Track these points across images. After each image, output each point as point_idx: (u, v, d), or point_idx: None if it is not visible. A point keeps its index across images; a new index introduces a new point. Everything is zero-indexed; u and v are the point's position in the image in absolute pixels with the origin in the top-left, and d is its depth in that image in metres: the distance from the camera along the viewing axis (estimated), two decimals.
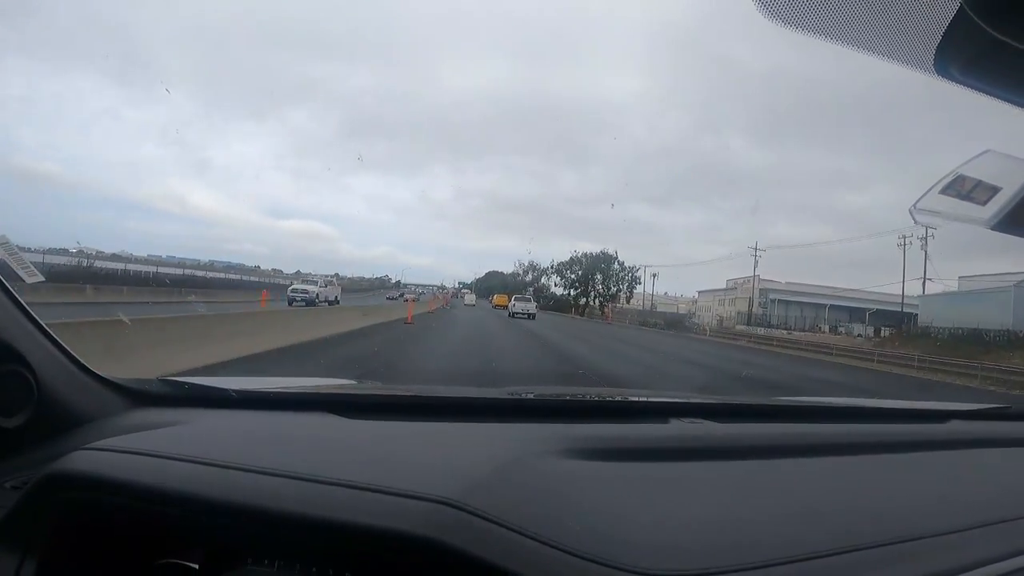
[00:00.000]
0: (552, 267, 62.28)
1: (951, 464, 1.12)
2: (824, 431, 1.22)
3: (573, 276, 59.72)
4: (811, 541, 0.70)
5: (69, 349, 1.00)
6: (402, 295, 46.45)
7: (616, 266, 58.63)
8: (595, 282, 58.77)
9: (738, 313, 49.85)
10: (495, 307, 46.24)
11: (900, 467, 1.05)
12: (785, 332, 38.95)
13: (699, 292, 63.00)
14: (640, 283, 57.47)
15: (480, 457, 0.81)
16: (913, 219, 0.82)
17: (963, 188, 0.77)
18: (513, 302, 36.27)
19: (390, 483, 0.68)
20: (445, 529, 0.62)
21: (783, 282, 49.72)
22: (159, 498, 0.69)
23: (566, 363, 11.26)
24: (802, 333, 38.99)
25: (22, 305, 0.94)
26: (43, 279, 1.09)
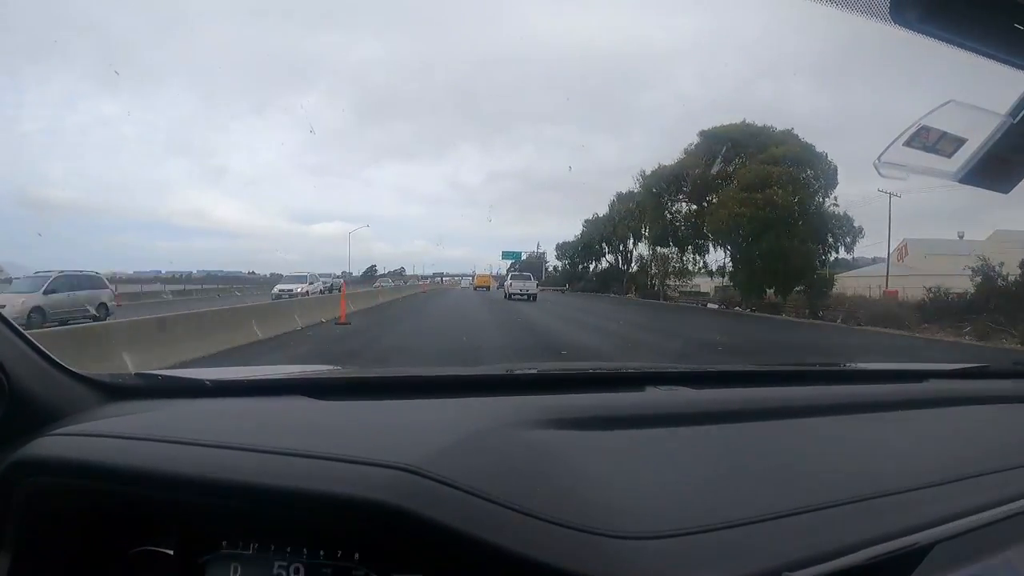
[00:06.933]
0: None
1: (927, 422, 1.12)
2: (799, 394, 1.22)
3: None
4: (785, 500, 0.71)
5: (40, 347, 0.98)
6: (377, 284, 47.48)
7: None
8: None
9: None
10: (476, 288, 44.59)
11: (876, 426, 1.06)
12: None
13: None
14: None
15: (449, 427, 0.81)
16: (878, 173, 0.79)
17: (927, 140, 0.74)
18: (510, 281, 33.21)
19: (354, 454, 0.68)
20: (405, 495, 0.62)
21: None
22: (118, 476, 0.69)
23: None
24: None
25: None
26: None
